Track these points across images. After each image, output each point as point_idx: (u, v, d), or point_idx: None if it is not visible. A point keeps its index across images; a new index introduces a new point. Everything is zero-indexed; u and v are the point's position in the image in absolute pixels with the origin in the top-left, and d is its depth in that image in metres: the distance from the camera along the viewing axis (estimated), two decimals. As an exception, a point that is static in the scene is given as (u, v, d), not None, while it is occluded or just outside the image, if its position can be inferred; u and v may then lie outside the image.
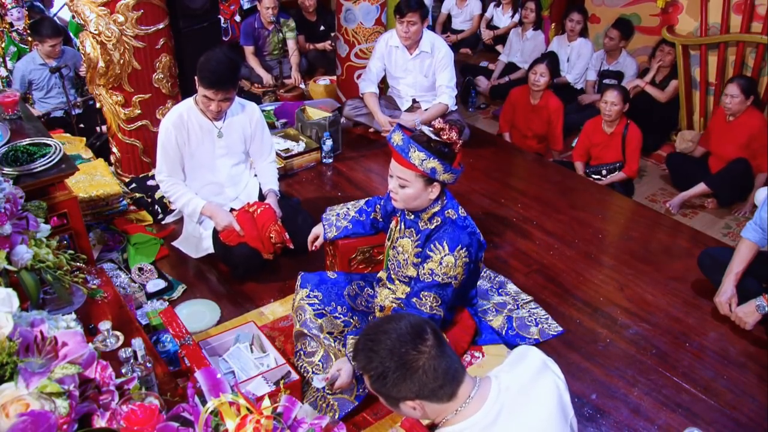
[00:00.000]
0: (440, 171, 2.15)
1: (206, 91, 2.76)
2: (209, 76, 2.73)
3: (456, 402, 1.40)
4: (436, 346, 1.38)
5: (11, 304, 1.35)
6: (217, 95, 2.77)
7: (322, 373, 2.29)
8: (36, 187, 2.28)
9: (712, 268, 2.95)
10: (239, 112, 3.02)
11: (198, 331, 2.65)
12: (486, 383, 1.44)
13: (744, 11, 4.47)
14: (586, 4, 5.62)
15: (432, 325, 1.42)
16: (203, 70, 2.73)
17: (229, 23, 5.85)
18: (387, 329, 1.39)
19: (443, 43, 4.18)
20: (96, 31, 3.30)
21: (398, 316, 1.45)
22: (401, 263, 2.39)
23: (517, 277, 3.06)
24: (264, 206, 2.98)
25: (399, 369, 1.35)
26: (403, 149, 2.14)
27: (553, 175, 4.13)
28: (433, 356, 1.36)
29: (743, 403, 2.43)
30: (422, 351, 1.36)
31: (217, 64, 2.73)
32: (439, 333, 1.42)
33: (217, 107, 2.83)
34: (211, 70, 2.73)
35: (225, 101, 2.83)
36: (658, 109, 4.95)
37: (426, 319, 1.45)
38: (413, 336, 1.37)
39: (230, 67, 2.79)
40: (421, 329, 1.39)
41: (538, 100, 4.55)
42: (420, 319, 1.44)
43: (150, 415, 1.20)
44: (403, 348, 1.36)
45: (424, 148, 2.12)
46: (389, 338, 1.37)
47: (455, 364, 1.40)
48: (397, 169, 2.20)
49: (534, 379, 1.47)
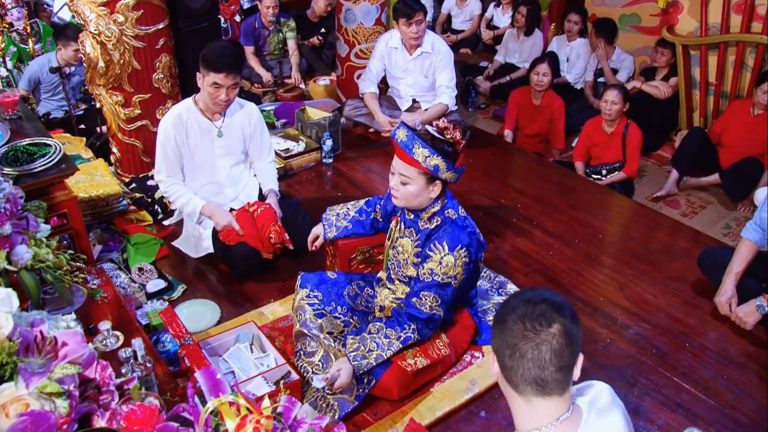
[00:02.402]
0: (443, 169, 2.15)
1: (217, 76, 2.74)
2: (219, 60, 2.73)
3: (537, 415, 1.30)
4: (558, 340, 1.25)
5: (11, 304, 1.35)
6: (227, 79, 2.76)
7: (322, 373, 2.29)
8: (36, 187, 2.28)
9: (712, 268, 2.95)
10: (238, 111, 3.02)
11: (198, 331, 2.65)
12: (577, 414, 1.34)
13: (744, 11, 4.47)
14: (585, 4, 5.63)
15: (570, 317, 1.28)
16: (211, 56, 2.74)
17: (229, 23, 5.85)
18: (529, 297, 1.29)
19: (443, 43, 4.18)
20: (96, 31, 3.30)
21: (547, 291, 1.32)
22: (401, 263, 2.39)
23: (517, 277, 3.06)
24: (264, 206, 2.98)
25: (512, 341, 1.27)
26: (407, 145, 2.15)
27: (553, 175, 4.13)
28: (543, 347, 1.24)
29: (743, 403, 2.43)
30: (540, 333, 1.24)
31: (224, 49, 2.79)
32: (572, 333, 1.27)
33: (226, 95, 2.81)
34: (220, 54, 2.74)
35: (233, 88, 2.82)
36: (658, 109, 4.95)
37: (564, 304, 1.30)
38: (543, 314, 1.26)
39: (235, 53, 2.84)
40: (556, 311, 1.26)
41: (540, 100, 4.55)
42: (565, 304, 1.30)
43: (150, 415, 1.20)
44: (528, 322, 1.25)
45: (429, 145, 2.13)
46: (524, 304, 1.28)
47: (558, 375, 1.26)
48: (399, 166, 2.20)
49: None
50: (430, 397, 2.36)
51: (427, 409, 2.32)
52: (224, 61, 2.74)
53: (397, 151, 2.21)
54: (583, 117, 4.72)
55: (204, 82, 2.80)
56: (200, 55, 2.77)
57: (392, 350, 2.22)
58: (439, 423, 2.30)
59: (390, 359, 2.25)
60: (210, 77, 2.76)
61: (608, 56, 5.26)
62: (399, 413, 2.30)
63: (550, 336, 1.25)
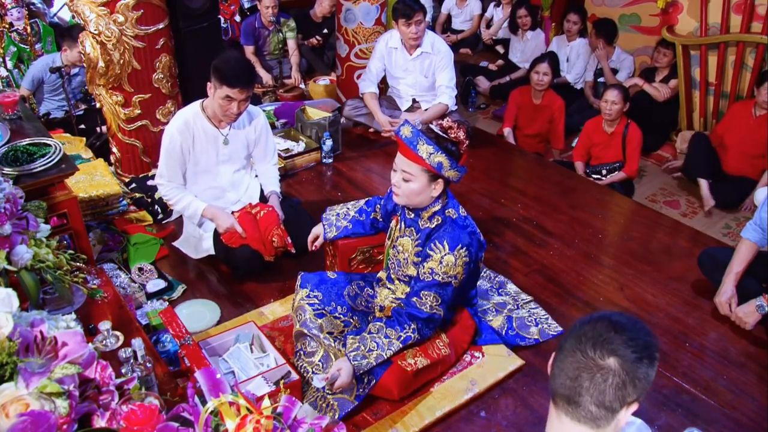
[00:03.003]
0: (447, 166, 2.15)
1: (231, 90, 2.72)
2: (234, 74, 2.71)
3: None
4: (606, 376, 1.13)
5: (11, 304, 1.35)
6: (241, 94, 2.75)
7: (322, 373, 2.29)
8: (36, 187, 2.28)
9: (712, 268, 2.95)
10: (244, 117, 3.00)
11: (198, 331, 2.65)
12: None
13: (744, 11, 4.47)
14: (586, 4, 5.63)
15: (645, 356, 1.15)
16: (225, 70, 2.70)
17: (229, 23, 5.85)
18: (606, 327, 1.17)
19: (443, 43, 4.19)
20: (96, 31, 3.30)
21: (639, 325, 1.19)
22: (401, 262, 2.39)
23: (517, 277, 3.06)
24: (267, 209, 2.98)
25: (565, 350, 1.20)
26: (411, 141, 2.15)
27: (553, 175, 4.13)
28: (585, 374, 1.15)
29: (743, 403, 2.43)
30: (595, 359, 1.14)
31: (237, 63, 2.77)
32: (633, 373, 1.14)
33: (238, 108, 2.80)
34: (234, 68, 2.72)
35: (245, 101, 2.82)
36: (658, 109, 4.95)
37: (646, 351, 1.16)
38: (606, 340, 1.15)
39: (249, 66, 2.84)
40: (624, 344, 1.14)
41: (540, 100, 4.55)
42: (642, 343, 1.16)
43: (150, 415, 1.20)
44: (586, 340, 1.16)
45: (433, 142, 2.13)
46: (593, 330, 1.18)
47: (594, 409, 1.16)
48: (402, 163, 2.20)
49: None
50: (430, 397, 2.36)
51: (427, 409, 2.32)
52: (238, 75, 2.71)
53: (400, 148, 2.21)
54: (583, 117, 4.72)
55: (216, 94, 2.77)
56: (212, 65, 2.74)
57: (392, 350, 2.22)
58: (439, 423, 2.30)
59: (390, 359, 2.25)
60: (222, 90, 2.73)
61: (608, 56, 5.27)
62: (399, 413, 2.30)
63: (598, 367, 1.14)
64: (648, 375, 1.16)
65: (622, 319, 1.19)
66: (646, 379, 1.16)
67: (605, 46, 5.22)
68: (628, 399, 1.16)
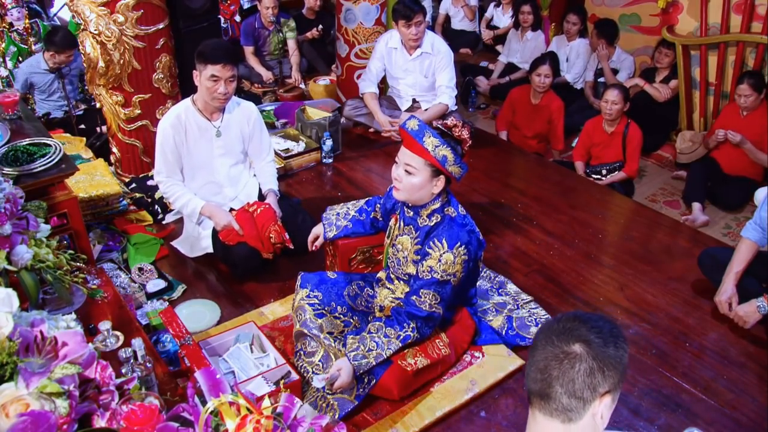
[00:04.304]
0: (451, 161, 2.16)
1: (214, 67, 2.75)
2: (215, 52, 2.75)
3: None
4: (573, 362, 1.14)
5: (11, 304, 1.35)
6: (225, 71, 2.77)
7: (322, 373, 2.29)
8: (36, 187, 2.28)
9: (712, 268, 2.95)
10: (236, 110, 3.03)
11: (198, 331, 2.65)
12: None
13: (744, 11, 4.46)
14: (585, 4, 5.62)
15: (606, 342, 1.16)
16: (207, 50, 2.77)
17: (229, 23, 5.85)
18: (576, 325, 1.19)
19: (443, 43, 4.19)
20: (96, 31, 3.30)
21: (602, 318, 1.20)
22: (401, 261, 2.39)
23: (517, 277, 3.06)
24: (264, 206, 2.98)
25: (535, 347, 1.21)
26: (417, 134, 2.15)
27: (553, 175, 4.13)
28: (554, 362, 1.15)
29: (743, 403, 2.43)
30: (562, 347, 1.15)
31: (218, 42, 2.85)
32: (601, 358, 1.15)
33: (225, 88, 2.81)
34: (215, 46, 2.78)
35: (231, 80, 2.83)
36: (658, 109, 4.95)
37: (611, 335, 1.18)
38: (571, 329, 1.17)
39: (231, 46, 2.93)
40: (589, 330, 1.16)
41: (539, 100, 4.55)
42: (607, 329, 1.18)
43: (150, 415, 1.20)
44: (555, 332, 1.18)
45: (439, 135, 2.14)
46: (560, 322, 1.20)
47: (565, 400, 1.15)
48: (406, 156, 2.20)
49: None
50: (430, 397, 2.36)
51: (427, 409, 2.32)
52: (220, 52, 2.76)
53: (405, 141, 2.21)
54: (583, 117, 4.72)
55: (201, 77, 2.81)
56: (195, 52, 2.79)
57: (392, 349, 2.22)
58: (439, 423, 2.30)
59: (390, 359, 2.25)
60: (207, 70, 2.77)
61: (609, 57, 5.27)
62: (399, 413, 2.30)
63: (565, 353, 1.14)
64: (618, 358, 1.16)
65: (588, 314, 1.22)
66: (616, 366, 1.16)
67: (606, 47, 5.21)
68: (599, 389, 1.16)
